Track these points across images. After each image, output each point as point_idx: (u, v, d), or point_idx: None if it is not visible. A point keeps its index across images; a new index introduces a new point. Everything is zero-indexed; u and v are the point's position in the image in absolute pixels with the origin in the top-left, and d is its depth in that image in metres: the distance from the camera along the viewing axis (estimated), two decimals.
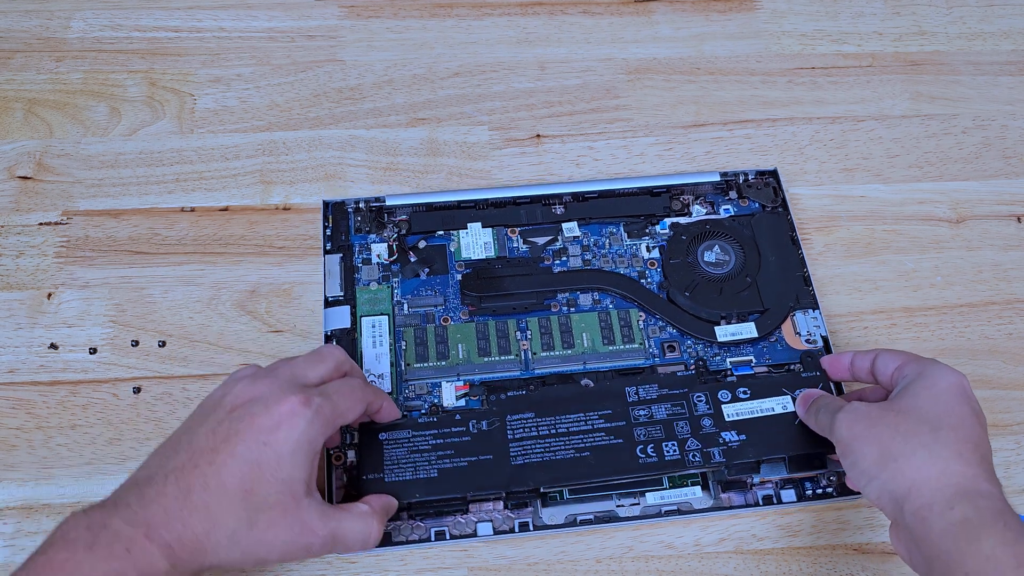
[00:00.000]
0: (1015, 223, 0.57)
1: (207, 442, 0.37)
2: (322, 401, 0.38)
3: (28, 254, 0.53)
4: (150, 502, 0.35)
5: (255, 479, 0.36)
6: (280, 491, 0.37)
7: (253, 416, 0.37)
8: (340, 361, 0.42)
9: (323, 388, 0.40)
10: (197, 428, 0.38)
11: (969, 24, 0.66)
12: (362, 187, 0.56)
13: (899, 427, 0.39)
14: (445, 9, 0.64)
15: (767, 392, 0.47)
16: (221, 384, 0.41)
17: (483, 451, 0.45)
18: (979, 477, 0.37)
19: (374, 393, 0.43)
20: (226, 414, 0.38)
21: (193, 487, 0.36)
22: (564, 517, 0.45)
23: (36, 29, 0.62)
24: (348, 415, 0.40)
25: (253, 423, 0.37)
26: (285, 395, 0.38)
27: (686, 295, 0.51)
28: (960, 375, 0.41)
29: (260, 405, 0.37)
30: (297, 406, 0.37)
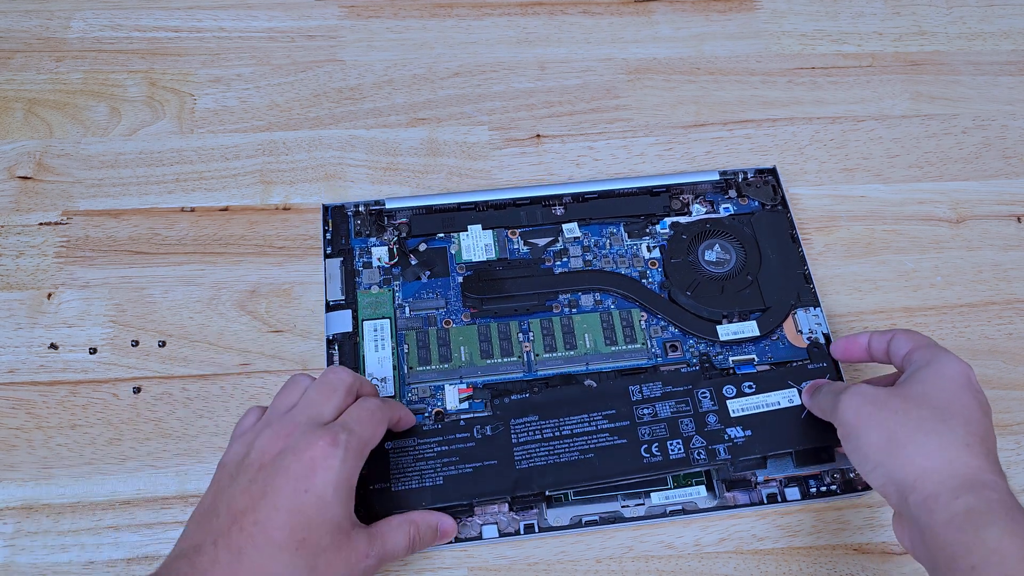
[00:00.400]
0: (1015, 223, 0.57)
1: (245, 501, 0.36)
2: (348, 436, 0.38)
3: (28, 254, 0.53)
4: (203, 572, 0.35)
5: (305, 527, 0.36)
6: (332, 532, 0.37)
7: (287, 468, 0.37)
8: (350, 385, 0.41)
9: (344, 421, 0.39)
10: (229, 489, 0.37)
11: (969, 24, 0.66)
12: (362, 187, 0.56)
13: (909, 413, 0.38)
14: (445, 9, 0.64)
15: (773, 386, 0.47)
16: (235, 440, 0.40)
17: (488, 456, 0.45)
18: (985, 468, 0.36)
19: (391, 409, 0.43)
20: (257, 471, 0.37)
21: (244, 549, 0.35)
22: (569, 518, 0.45)
23: (36, 29, 0.61)
24: (374, 440, 0.40)
25: (289, 474, 0.37)
26: (312, 440, 0.37)
27: (687, 294, 0.51)
28: (966, 365, 0.41)
29: (290, 455, 0.37)
30: (327, 448, 0.37)
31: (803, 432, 0.46)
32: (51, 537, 0.45)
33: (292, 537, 0.36)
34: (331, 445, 0.37)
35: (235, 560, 0.35)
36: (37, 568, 0.44)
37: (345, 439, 0.38)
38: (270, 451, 0.38)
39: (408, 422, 0.45)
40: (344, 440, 0.38)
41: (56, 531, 0.45)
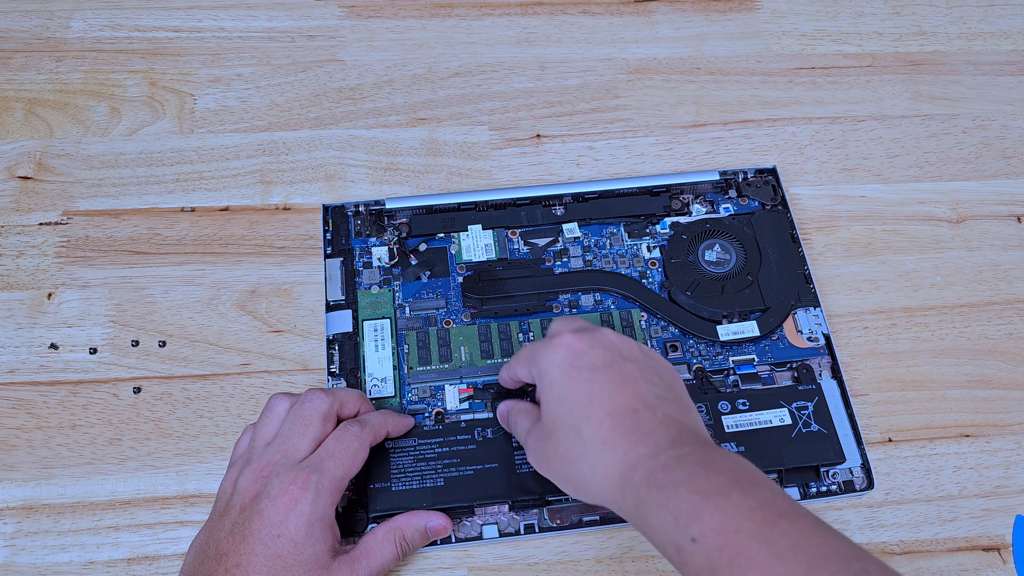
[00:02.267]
0: (1015, 223, 0.57)
1: (228, 545, 0.39)
2: (319, 477, 0.39)
3: (28, 254, 0.53)
4: None
5: (282, 568, 0.38)
6: (309, 569, 0.39)
7: (262, 512, 0.39)
8: (325, 413, 0.42)
9: (317, 459, 0.40)
10: (217, 530, 0.40)
11: (969, 24, 0.66)
12: (362, 187, 0.56)
13: (559, 452, 0.38)
14: (445, 9, 0.64)
15: (766, 404, 0.47)
16: (231, 467, 0.42)
17: (489, 459, 0.45)
18: (628, 452, 0.36)
19: (374, 431, 0.43)
20: (238, 514, 0.39)
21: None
22: (570, 518, 0.45)
23: (36, 29, 0.61)
24: (352, 470, 0.41)
25: (263, 519, 0.39)
26: (284, 484, 0.39)
27: (687, 294, 0.51)
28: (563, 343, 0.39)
29: (265, 499, 0.39)
30: (298, 492, 0.39)
31: (794, 451, 0.46)
32: (51, 537, 0.45)
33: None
34: (301, 488, 0.39)
35: None
36: (37, 568, 0.44)
37: (316, 480, 0.39)
38: (249, 493, 0.40)
39: (402, 429, 0.45)
40: (315, 481, 0.39)
41: (56, 531, 0.45)
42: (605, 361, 0.38)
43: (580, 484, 0.37)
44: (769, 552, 0.30)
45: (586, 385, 0.38)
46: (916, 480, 0.49)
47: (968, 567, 0.46)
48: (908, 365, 0.52)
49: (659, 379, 0.39)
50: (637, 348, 0.40)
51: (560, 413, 0.38)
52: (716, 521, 0.32)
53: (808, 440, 0.46)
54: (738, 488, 0.32)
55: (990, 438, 0.50)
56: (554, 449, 0.38)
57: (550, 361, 0.39)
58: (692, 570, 0.32)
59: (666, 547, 0.33)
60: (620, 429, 0.36)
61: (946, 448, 0.49)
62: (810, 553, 0.30)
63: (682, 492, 0.33)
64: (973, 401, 0.51)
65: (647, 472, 0.34)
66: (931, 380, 0.51)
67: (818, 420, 0.47)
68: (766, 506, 0.32)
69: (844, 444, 0.47)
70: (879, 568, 0.30)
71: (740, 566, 0.30)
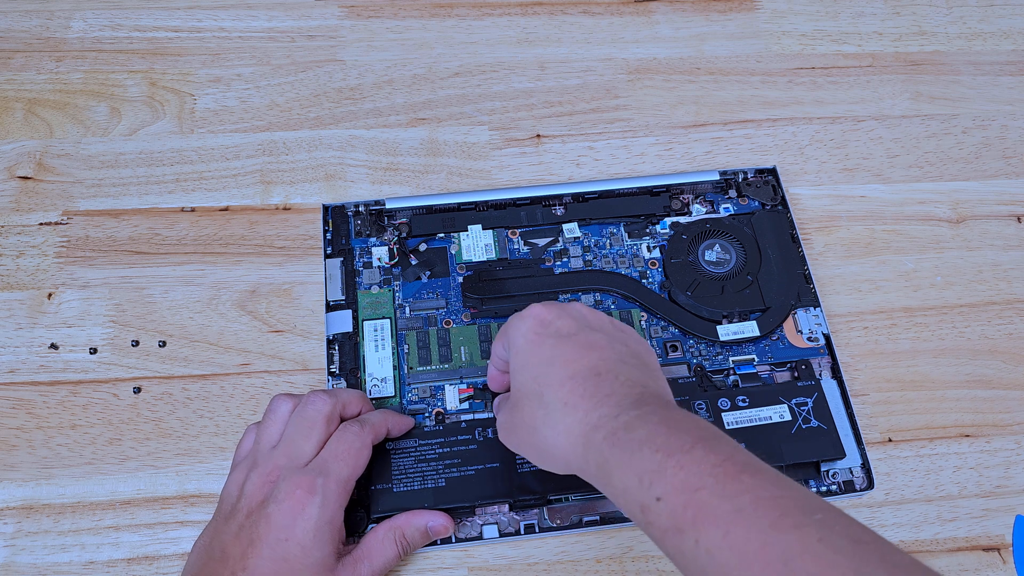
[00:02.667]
0: (1015, 223, 0.57)
1: (236, 548, 0.39)
2: (324, 480, 0.40)
3: (28, 254, 0.53)
4: None
5: (286, 572, 0.38)
6: (314, 573, 0.39)
7: (269, 516, 0.39)
8: (328, 415, 0.42)
9: (322, 461, 0.40)
10: (223, 533, 0.40)
11: (969, 24, 0.66)
12: (362, 187, 0.56)
13: (524, 419, 0.38)
14: (445, 9, 0.64)
15: (765, 401, 0.47)
16: (234, 468, 0.42)
17: (490, 459, 0.45)
18: (589, 412, 0.35)
19: (375, 430, 0.43)
20: (245, 518, 0.39)
21: None
22: (570, 518, 0.45)
23: (36, 29, 0.61)
24: (357, 470, 0.41)
25: (271, 523, 0.39)
26: (290, 488, 0.39)
27: (687, 295, 0.51)
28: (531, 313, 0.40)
29: (272, 504, 0.39)
30: (304, 496, 0.39)
31: (793, 448, 0.46)
32: (51, 537, 0.45)
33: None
34: (308, 493, 0.39)
35: None
36: (37, 568, 0.44)
37: (322, 483, 0.39)
38: (256, 498, 0.40)
39: (402, 429, 0.45)
40: (321, 485, 0.39)
41: (56, 531, 0.45)
42: (571, 330, 0.39)
43: (544, 450, 0.37)
44: (731, 508, 0.30)
45: (549, 351, 0.38)
46: (916, 480, 0.49)
47: (968, 567, 0.46)
48: (908, 365, 0.52)
49: (625, 348, 0.39)
50: (607, 320, 0.41)
51: (524, 380, 0.38)
52: (679, 479, 0.32)
53: (808, 436, 0.46)
54: (700, 445, 0.32)
55: (990, 438, 0.50)
56: (519, 418, 0.38)
57: (517, 330, 0.40)
58: (658, 530, 0.32)
59: (631, 507, 0.33)
60: (581, 391, 0.36)
61: (946, 448, 0.49)
62: (772, 507, 0.30)
63: (645, 451, 0.33)
64: (973, 401, 0.51)
65: (609, 431, 0.34)
66: (931, 380, 0.51)
67: (818, 416, 0.47)
68: (728, 461, 0.32)
69: (844, 443, 0.47)
70: (839, 517, 0.30)
71: (703, 523, 0.30)
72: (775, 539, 0.29)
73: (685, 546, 0.31)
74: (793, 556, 0.28)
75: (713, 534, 0.30)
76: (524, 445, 0.39)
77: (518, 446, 0.40)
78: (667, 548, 0.32)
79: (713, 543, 0.30)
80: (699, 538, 0.30)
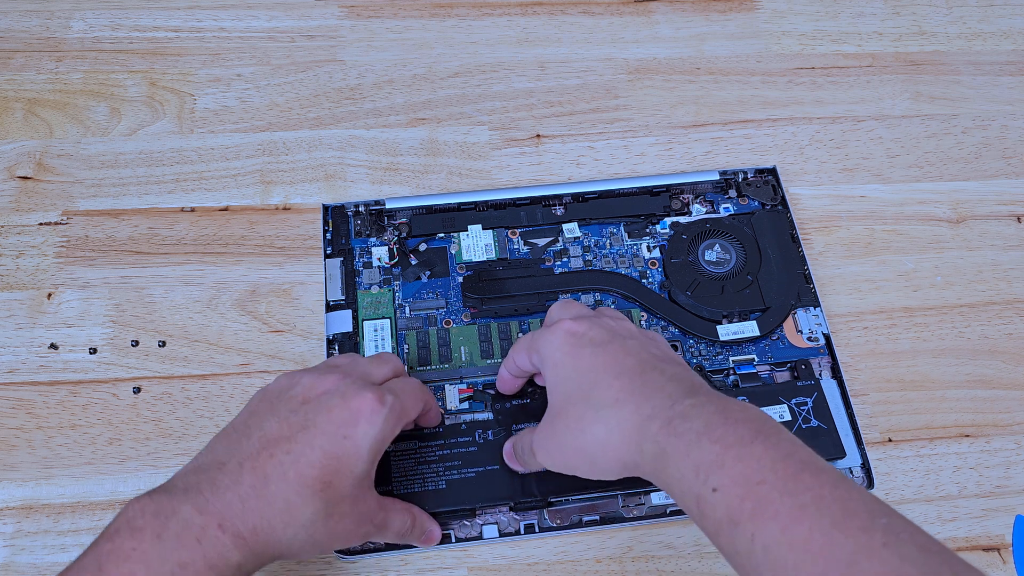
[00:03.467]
0: (1015, 223, 0.57)
1: (281, 431, 0.36)
2: (394, 400, 0.38)
3: (28, 254, 0.53)
4: (224, 490, 0.34)
5: (335, 472, 0.36)
6: (355, 484, 0.37)
7: (331, 408, 0.37)
8: (398, 366, 0.42)
9: (390, 386, 0.40)
10: (266, 416, 0.37)
11: (969, 24, 0.66)
12: (362, 187, 0.56)
13: (568, 425, 0.37)
14: (445, 9, 0.64)
15: (764, 401, 0.47)
16: (281, 376, 0.40)
17: (490, 461, 0.45)
18: (642, 404, 0.35)
19: (429, 395, 0.43)
20: (299, 404, 0.37)
21: (270, 476, 0.35)
22: (570, 518, 0.45)
23: (36, 29, 0.61)
24: (412, 413, 0.40)
25: (331, 416, 0.36)
26: (361, 391, 0.37)
27: (688, 294, 0.51)
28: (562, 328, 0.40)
29: (337, 397, 0.37)
30: (375, 403, 0.37)
31: None
32: (51, 537, 0.45)
33: (321, 478, 0.35)
34: (378, 402, 0.37)
35: (260, 484, 0.35)
36: (37, 568, 0.44)
37: (391, 401, 0.38)
38: (317, 388, 0.38)
39: (435, 418, 0.45)
40: (391, 401, 0.38)
41: (56, 531, 0.45)
42: (604, 339, 0.39)
43: (594, 453, 0.36)
44: (792, 504, 0.29)
45: (590, 359, 0.38)
46: (916, 480, 0.49)
47: None
48: (908, 365, 0.52)
49: (659, 351, 0.39)
50: (635, 328, 0.41)
51: (568, 389, 0.38)
52: (738, 472, 0.31)
53: (808, 436, 0.46)
54: (760, 439, 0.32)
55: (990, 438, 0.50)
56: (564, 426, 0.38)
57: (551, 345, 0.39)
58: (712, 522, 0.31)
59: (686, 498, 0.33)
60: (631, 387, 0.36)
61: (946, 448, 0.49)
62: (834, 507, 0.29)
63: (703, 442, 0.32)
64: (973, 401, 0.51)
65: (665, 420, 0.34)
66: (931, 380, 0.51)
67: (817, 416, 0.47)
68: (789, 458, 0.31)
69: (844, 443, 0.47)
70: (905, 524, 0.29)
71: (762, 517, 0.30)
72: (839, 540, 0.28)
73: (740, 541, 0.30)
74: (858, 559, 0.27)
75: (771, 529, 0.29)
76: (571, 453, 0.38)
77: (563, 457, 0.38)
78: (720, 543, 0.32)
79: (771, 538, 0.29)
80: (755, 532, 0.30)
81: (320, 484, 0.35)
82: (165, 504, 0.34)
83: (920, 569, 0.27)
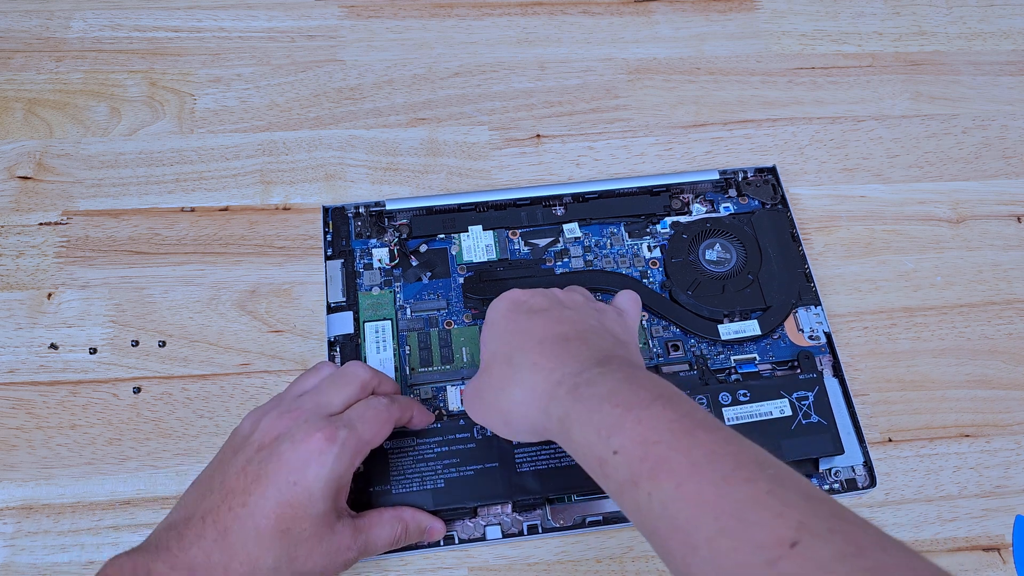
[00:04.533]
0: (1015, 223, 0.57)
1: (238, 482, 0.37)
2: (347, 433, 0.38)
3: (28, 254, 0.53)
4: (190, 545, 0.36)
5: (290, 518, 0.37)
6: (316, 525, 0.38)
7: (281, 455, 0.37)
8: (365, 382, 0.42)
9: (348, 416, 0.40)
10: (228, 466, 0.38)
11: (969, 24, 0.66)
12: (362, 187, 0.56)
13: (491, 383, 0.40)
14: (445, 9, 0.64)
15: (766, 395, 0.47)
16: (247, 417, 0.41)
17: (489, 459, 0.45)
18: (554, 370, 0.37)
19: (401, 409, 0.43)
20: (255, 452, 0.38)
21: (230, 529, 0.36)
22: (573, 519, 0.45)
23: (36, 29, 0.61)
24: (377, 439, 0.40)
25: (281, 462, 0.37)
26: (311, 431, 0.38)
27: (688, 294, 0.51)
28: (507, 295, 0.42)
29: (287, 442, 0.38)
30: (323, 442, 0.38)
31: (793, 444, 0.46)
32: (51, 537, 0.45)
33: (277, 526, 0.36)
34: (328, 440, 0.38)
35: (220, 538, 0.36)
36: (37, 568, 0.44)
37: (344, 436, 0.38)
38: (271, 433, 0.39)
39: (423, 420, 0.45)
40: (343, 437, 0.38)
41: (56, 531, 0.45)
42: (543, 306, 0.41)
43: (509, 411, 0.38)
44: (686, 461, 0.31)
45: (522, 323, 0.40)
46: (916, 480, 0.49)
47: (968, 567, 0.46)
48: (908, 365, 0.52)
49: (599, 324, 0.40)
50: (583, 301, 0.42)
51: (495, 347, 0.40)
52: (637, 433, 0.33)
53: (807, 432, 0.46)
54: (659, 401, 0.33)
55: (990, 438, 0.50)
56: (487, 382, 0.40)
57: (494, 308, 0.42)
58: (615, 483, 0.33)
59: (590, 461, 0.34)
60: (549, 353, 0.38)
61: (946, 448, 0.49)
62: (726, 461, 0.31)
63: (605, 406, 0.34)
64: (973, 401, 0.51)
65: (571, 386, 0.36)
66: (931, 380, 0.51)
67: (818, 411, 0.47)
68: (685, 417, 0.33)
69: (846, 441, 0.47)
70: (791, 473, 0.31)
71: (658, 476, 0.31)
72: (727, 491, 0.30)
73: (640, 499, 0.32)
74: (744, 508, 0.29)
75: (667, 486, 0.31)
76: (489, 409, 0.40)
77: (484, 413, 0.40)
78: (623, 502, 0.33)
79: (667, 495, 0.31)
80: (652, 491, 0.31)
81: (277, 533, 0.37)
82: (140, 562, 0.35)
83: (799, 511, 0.29)
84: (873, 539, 0.28)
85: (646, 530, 0.32)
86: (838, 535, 0.28)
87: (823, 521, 0.28)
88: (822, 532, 0.28)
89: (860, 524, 0.29)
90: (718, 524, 0.29)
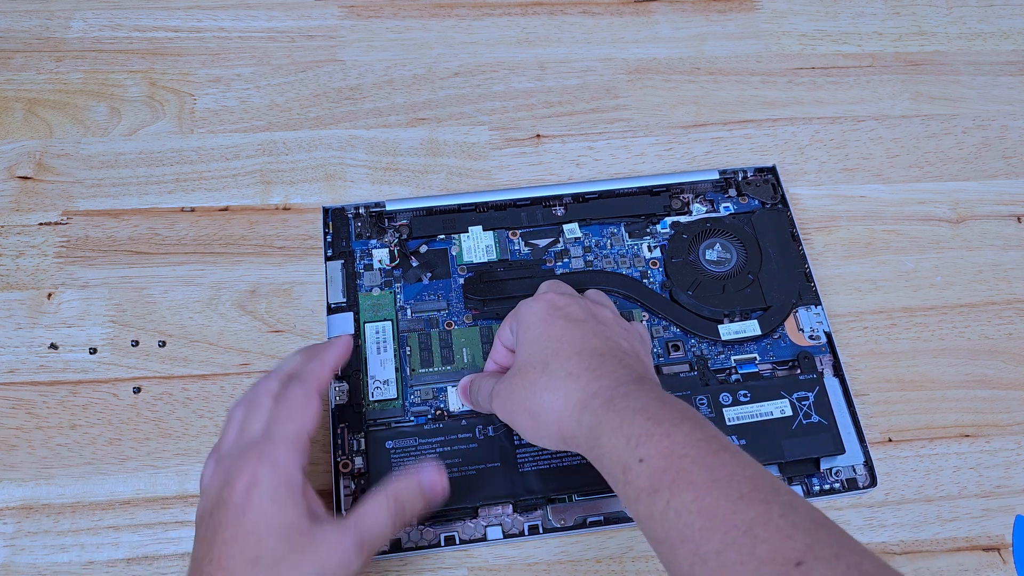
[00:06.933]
0: (1015, 223, 0.57)
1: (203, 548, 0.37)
2: (270, 445, 0.38)
3: (28, 254, 0.53)
4: None
5: (255, 546, 0.36)
6: (286, 537, 0.36)
7: (225, 502, 0.37)
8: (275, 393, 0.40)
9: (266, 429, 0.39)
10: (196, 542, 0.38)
11: (969, 24, 0.66)
12: (362, 187, 0.56)
13: (525, 385, 0.40)
14: (445, 9, 0.64)
15: (767, 396, 0.47)
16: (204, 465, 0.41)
17: (490, 458, 0.45)
18: (590, 382, 0.38)
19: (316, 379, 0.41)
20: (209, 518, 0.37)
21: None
22: (574, 519, 0.45)
23: (36, 29, 0.61)
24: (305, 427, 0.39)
25: (228, 507, 0.37)
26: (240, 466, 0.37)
27: (689, 294, 0.51)
28: (544, 297, 0.42)
29: (227, 489, 0.37)
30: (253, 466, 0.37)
31: (794, 444, 0.46)
32: (51, 537, 0.45)
33: (244, 561, 0.36)
34: (256, 462, 0.37)
35: None
36: (37, 568, 0.44)
37: (268, 449, 0.38)
38: (212, 493, 0.38)
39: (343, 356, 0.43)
40: (268, 451, 0.38)
41: (56, 531, 0.45)
42: (580, 316, 0.42)
43: (540, 415, 0.39)
44: (707, 477, 0.33)
45: (560, 329, 0.41)
46: (916, 480, 0.49)
47: (968, 567, 0.46)
48: (908, 365, 0.52)
49: (627, 344, 0.42)
50: (612, 317, 0.43)
51: (533, 351, 0.41)
52: (664, 445, 0.34)
53: (807, 432, 0.46)
54: (689, 422, 0.35)
55: (990, 438, 0.50)
56: (520, 384, 0.40)
57: (530, 310, 0.42)
58: (634, 489, 0.34)
59: (613, 467, 0.35)
60: (586, 365, 0.39)
61: (946, 448, 0.49)
62: (744, 483, 0.32)
63: (637, 418, 0.35)
64: (973, 401, 0.51)
65: (607, 399, 0.37)
66: (931, 380, 0.51)
67: (818, 411, 0.47)
68: (712, 440, 0.34)
69: (847, 441, 0.47)
70: (803, 502, 0.32)
71: (678, 486, 0.33)
72: (741, 508, 0.31)
73: (656, 507, 0.33)
74: (755, 526, 0.31)
75: (685, 497, 0.32)
76: (519, 410, 0.40)
77: (513, 413, 0.41)
78: (638, 509, 0.34)
79: (683, 505, 0.32)
80: (671, 499, 0.33)
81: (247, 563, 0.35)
82: None
83: (810, 536, 0.30)
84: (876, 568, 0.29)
85: (656, 538, 0.33)
86: (842, 561, 0.29)
87: (829, 547, 0.30)
88: (827, 556, 0.29)
89: (865, 553, 0.30)
90: (729, 538, 0.31)
